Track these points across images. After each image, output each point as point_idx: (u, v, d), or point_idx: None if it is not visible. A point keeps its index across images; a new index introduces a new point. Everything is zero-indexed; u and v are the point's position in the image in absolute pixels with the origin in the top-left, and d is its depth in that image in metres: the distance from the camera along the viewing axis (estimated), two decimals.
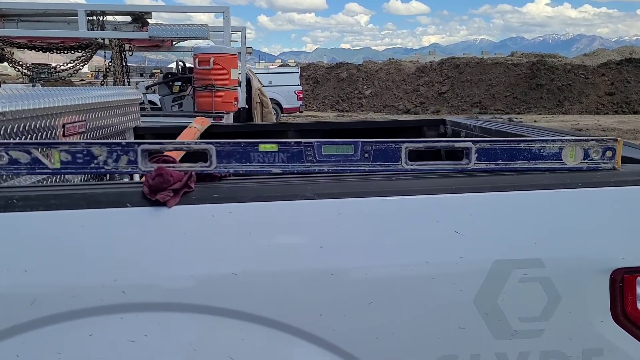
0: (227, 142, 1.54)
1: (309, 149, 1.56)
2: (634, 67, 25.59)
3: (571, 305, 1.44)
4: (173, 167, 1.47)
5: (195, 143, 1.54)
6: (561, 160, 1.54)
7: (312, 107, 27.34)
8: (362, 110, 26.41)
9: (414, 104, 26.88)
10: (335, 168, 1.58)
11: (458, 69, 27.83)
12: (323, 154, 1.58)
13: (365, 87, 28.18)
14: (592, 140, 1.54)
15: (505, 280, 1.42)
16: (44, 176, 2.05)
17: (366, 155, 1.58)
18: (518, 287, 1.43)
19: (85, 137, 2.83)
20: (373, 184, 1.52)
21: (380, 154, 1.57)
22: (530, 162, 1.54)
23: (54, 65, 7.43)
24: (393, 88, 27.82)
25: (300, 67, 22.95)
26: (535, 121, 20.06)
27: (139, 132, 3.68)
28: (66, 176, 2.24)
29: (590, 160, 1.55)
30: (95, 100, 2.98)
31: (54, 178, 2.15)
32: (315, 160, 1.57)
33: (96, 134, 3.02)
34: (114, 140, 1.48)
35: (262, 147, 1.58)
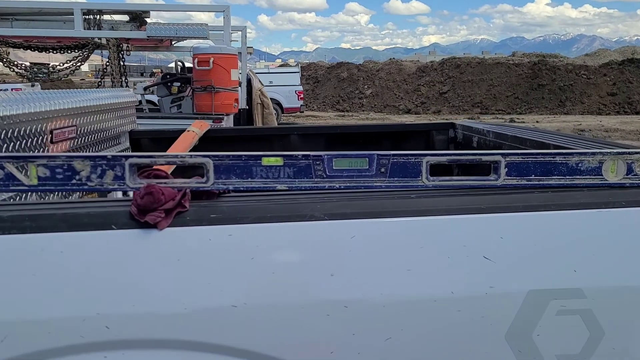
0: (227, 155, 1.38)
1: (318, 162, 1.40)
2: (636, 67, 25.45)
3: (616, 340, 1.28)
4: (165, 183, 1.30)
5: (191, 156, 1.37)
6: (601, 175, 1.38)
7: (313, 107, 27.20)
8: (363, 110, 26.28)
9: (415, 104, 26.74)
10: (348, 184, 1.41)
11: (459, 69, 27.69)
12: (334, 168, 1.42)
13: (365, 87, 28.05)
14: (637, 153, 1.38)
15: (541, 313, 1.27)
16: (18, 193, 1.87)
17: (382, 170, 1.41)
18: (556, 321, 1.27)
19: (76, 143, 2.66)
20: (390, 202, 1.36)
21: (399, 169, 1.40)
22: (567, 177, 1.37)
23: (51, 64, 7.24)
24: (394, 88, 27.68)
25: (300, 67, 22.80)
26: (537, 122, 19.92)
27: (135, 136, 3.52)
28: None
29: (634, 175, 1.38)
30: (87, 103, 2.82)
31: (30, 195, 1.97)
32: (325, 176, 1.40)
33: (88, 139, 2.85)
34: (98, 153, 1.31)
35: (266, 161, 1.41)
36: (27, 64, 7.87)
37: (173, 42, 7.46)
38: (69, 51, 7.02)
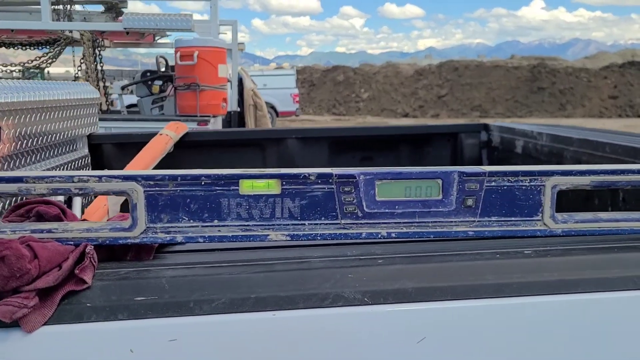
0: (172, 175, 0.70)
1: (347, 188, 0.73)
2: (637, 70, 24.99)
3: None
4: (50, 231, 0.62)
5: (100, 178, 0.69)
6: None
7: (309, 111, 26.61)
8: (360, 114, 25.69)
9: (413, 108, 26.21)
10: (405, 231, 0.74)
11: (457, 72, 27.18)
12: (378, 200, 0.75)
13: (362, 90, 27.49)
14: None
15: None
16: None
17: (469, 202, 0.74)
18: None
19: (8, 149, 1.98)
20: (490, 266, 0.68)
21: (499, 200, 0.73)
22: None
23: (17, 63, 6.52)
24: (391, 91, 27.11)
25: (296, 70, 22.21)
26: None
27: (95, 142, 2.81)
28: None
29: None
30: (20, 98, 2.13)
31: None
32: (361, 214, 0.74)
33: (24, 145, 2.16)
34: None
35: (247, 186, 0.75)
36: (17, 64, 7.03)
37: (156, 38, 6.80)
38: (40, 48, 6.32)
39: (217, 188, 0.78)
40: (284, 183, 0.79)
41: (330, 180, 0.79)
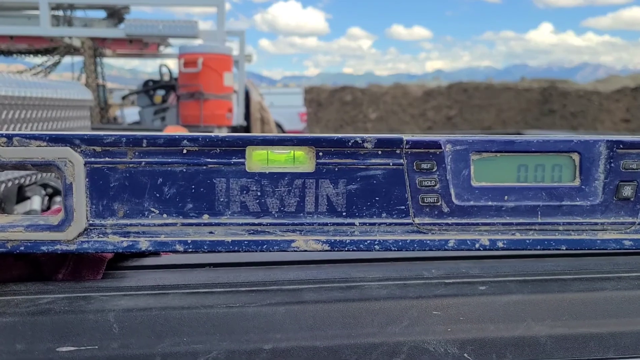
0: (133, 137, 0.36)
1: (426, 164, 0.37)
2: None
3: None
4: None
5: (9, 140, 0.36)
6: None
7: (315, 130, 26.48)
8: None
9: (422, 129, 26.03)
10: (521, 239, 0.39)
11: (466, 94, 27.00)
12: (474, 185, 0.40)
13: (370, 110, 27.36)
14: None
15: None
16: None
17: (627, 192, 0.39)
18: None
19: None
20: None
21: None
22: None
23: (15, 72, 6.27)
24: (399, 112, 26.93)
25: (304, 89, 22.08)
26: None
27: None
28: None
29: None
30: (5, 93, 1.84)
31: None
32: (448, 209, 0.39)
33: None
34: None
35: (258, 159, 0.39)
36: None
37: (160, 47, 6.53)
38: (39, 55, 6.06)
39: (210, 160, 0.47)
40: (320, 154, 0.48)
41: (399, 152, 0.48)
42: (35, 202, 1.75)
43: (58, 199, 1.92)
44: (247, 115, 6.44)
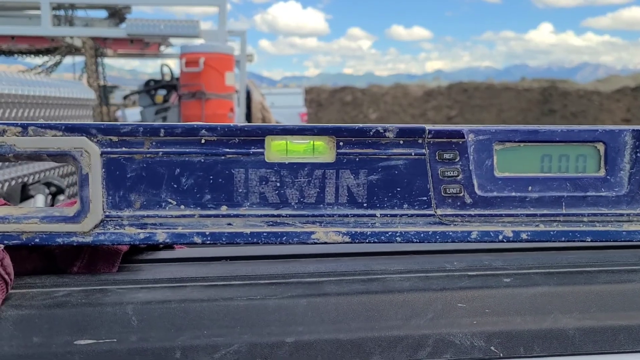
0: (150, 127, 0.36)
1: (449, 154, 0.37)
2: None
3: None
4: None
5: (24, 130, 0.35)
6: None
7: None
8: None
9: None
10: (545, 230, 0.40)
11: (467, 94, 26.99)
12: (498, 175, 0.39)
13: (370, 110, 27.34)
14: None
15: None
16: None
17: None
18: None
19: None
20: None
21: None
22: None
23: (17, 72, 6.26)
24: (400, 112, 26.91)
25: (304, 89, 22.06)
26: None
27: None
28: None
29: None
30: (7, 91, 1.83)
31: None
32: (471, 200, 0.39)
33: None
34: None
35: (278, 149, 0.38)
36: None
37: (161, 47, 6.52)
38: (41, 55, 6.05)
39: (228, 151, 0.46)
40: (341, 144, 0.47)
41: (421, 141, 0.47)
42: (39, 200, 1.74)
43: (62, 197, 1.91)
44: (249, 115, 6.43)
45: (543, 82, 28.43)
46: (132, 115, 7.04)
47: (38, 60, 6.17)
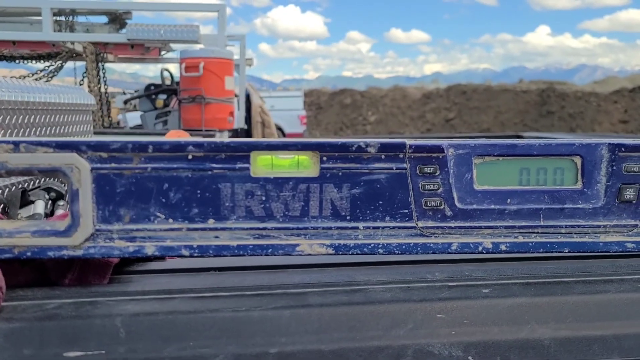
0: (139, 143, 0.37)
1: (429, 168, 0.38)
2: None
3: None
4: None
5: (16, 147, 0.36)
6: None
7: (315, 133, 26.49)
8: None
9: (420, 131, 26.04)
10: (524, 242, 0.42)
11: (465, 96, 27.03)
12: (477, 188, 0.40)
13: (369, 113, 27.38)
14: None
15: None
16: None
17: (629, 194, 0.41)
18: None
19: None
20: None
21: None
22: None
23: (18, 77, 6.28)
24: (398, 114, 26.94)
25: (303, 92, 22.09)
26: None
27: None
28: None
29: None
30: (7, 98, 1.84)
31: None
32: (451, 212, 0.41)
33: None
34: None
35: (263, 164, 0.39)
36: None
37: (161, 52, 6.53)
38: (42, 61, 6.06)
39: (215, 166, 0.47)
40: (324, 159, 0.48)
41: (402, 156, 0.48)
42: (39, 206, 1.75)
43: (62, 203, 1.92)
44: (248, 119, 6.45)
45: (541, 83, 28.45)
46: (133, 119, 7.06)
47: (40, 65, 6.20)
